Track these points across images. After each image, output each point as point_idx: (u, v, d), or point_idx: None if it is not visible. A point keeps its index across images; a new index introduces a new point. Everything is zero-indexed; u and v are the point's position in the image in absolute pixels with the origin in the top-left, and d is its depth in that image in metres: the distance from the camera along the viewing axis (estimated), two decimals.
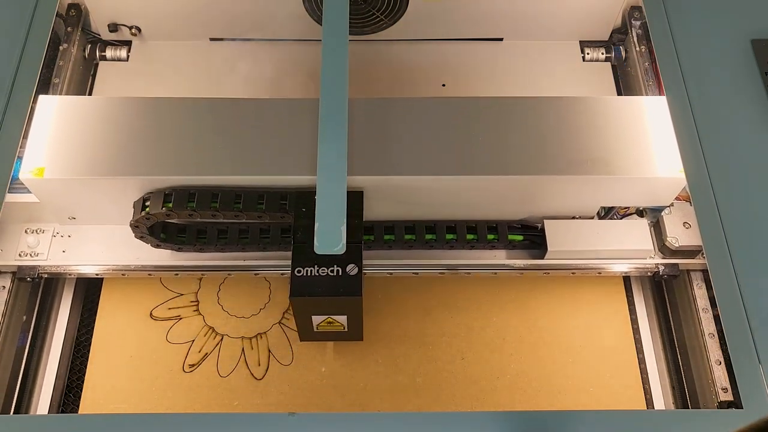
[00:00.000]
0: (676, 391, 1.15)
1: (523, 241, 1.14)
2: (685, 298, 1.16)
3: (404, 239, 1.11)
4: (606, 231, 1.14)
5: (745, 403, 0.87)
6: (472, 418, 0.90)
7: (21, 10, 1.14)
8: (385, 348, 1.17)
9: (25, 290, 1.16)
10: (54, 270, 1.14)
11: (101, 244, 1.15)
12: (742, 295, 0.93)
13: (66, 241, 1.15)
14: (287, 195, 1.04)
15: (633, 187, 1.08)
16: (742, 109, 1.07)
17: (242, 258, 1.15)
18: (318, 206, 0.95)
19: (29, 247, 1.13)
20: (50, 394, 1.13)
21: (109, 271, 1.16)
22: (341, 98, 1.02)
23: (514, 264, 1.15)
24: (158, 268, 1.15)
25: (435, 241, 1.12)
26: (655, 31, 1.15)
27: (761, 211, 1.00)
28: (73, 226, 1.16)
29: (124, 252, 1.14)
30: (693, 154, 1.03)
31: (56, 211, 1.13)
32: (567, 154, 1.05)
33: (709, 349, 1.06)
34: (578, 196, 1.10)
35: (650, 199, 1.12)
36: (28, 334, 1.16)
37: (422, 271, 1.16)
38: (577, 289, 1.23)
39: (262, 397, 1.13)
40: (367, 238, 1.11)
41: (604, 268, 1.16)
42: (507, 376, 1.16)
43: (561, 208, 1.13)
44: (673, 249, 1.12)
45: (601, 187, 1.08)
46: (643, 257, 1.15)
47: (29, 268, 1.12)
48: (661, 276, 1.15)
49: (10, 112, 1.05)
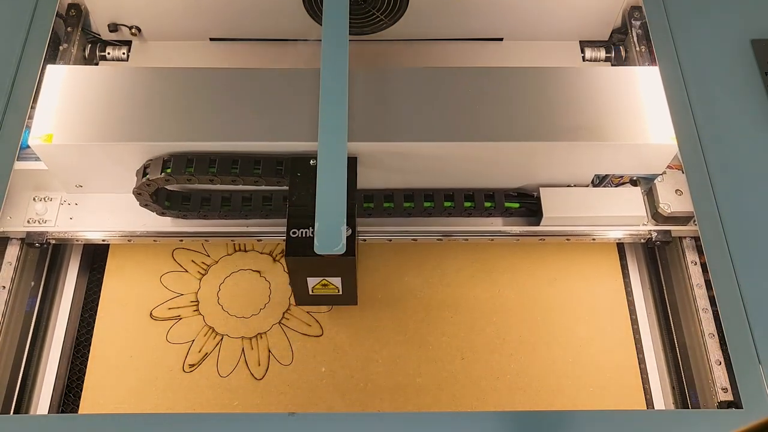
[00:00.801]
0: (676, 391, 1.15)
1: (519, 208, 1.15)
2: (677, 264, 1.19)
3: (403, 207, 1.13)
4: (600, 198, 1.16)
5: (745, 403, 0.87)
6: (472, 418, 0.90)
7: (21, 10, 1.14)
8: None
9: (33, 256, 1.19)
10: (61, 236, 1.17)
11: (107, 211, 1.18)
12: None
13: (73, 209, 1.18)
14: (283, 160, 1.06)
15: (626, 153, 1.10)
16: (742, 109, 1.07)
17: (245, 225, 1.17)
18: (318, 206, 0.95)
19: (37, 215, 1.16)
20: (50, 394, 1.13)
21: (115, 236, 1.18)
22: (342, 102, 1.02)
23: (511, 230, 1.17)
24: (163, 234, 1.18)
25: (433, 209, 1.14)
26: (655, 31, 1.15)
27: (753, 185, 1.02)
28: (80, 195, 1.19)
29: (130, 219, 1.17)
30: (693, 154, 1.03)
31: (63, 178, 1.15)
32: (562, 121, 1.08)
33: (709, 349, 1.06)
34: (573, 163, 1.12)
35: (643, 166, 1.14)
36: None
37: (420, 238, 1.20)
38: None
39: (262, 397, 1.13)
40: (367, 206, 1.13)
41: (598, 234, 1.18)
42: (507, 376, 1.16)
43: (556, 177, 1.15)
44: (666, 215, 1.15)
45: (595, 154, 1.10)
46: (636, 224, 1.17)
47: (37, 234, 1.16)
48: (654, 242, 1.18)
49: (10, 113, 1.06)
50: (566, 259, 1.26)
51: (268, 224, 1.17)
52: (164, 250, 1.25)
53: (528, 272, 1.24)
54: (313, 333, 1.19)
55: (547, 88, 1.11)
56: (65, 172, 1.13)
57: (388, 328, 1.19)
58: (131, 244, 1.21)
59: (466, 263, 1.25)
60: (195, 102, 1.09)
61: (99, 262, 1.26)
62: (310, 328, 1.19)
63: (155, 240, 1.19)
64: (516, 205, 1.15)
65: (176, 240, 1.22)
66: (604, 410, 1.05)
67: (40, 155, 1.08)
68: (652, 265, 1.27)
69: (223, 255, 1.26)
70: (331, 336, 1.19)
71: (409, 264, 1.25)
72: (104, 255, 1.26)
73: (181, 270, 1.24)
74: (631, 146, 1.08)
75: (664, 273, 1.24)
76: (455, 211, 1.15)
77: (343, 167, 0.98)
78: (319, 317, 1.20)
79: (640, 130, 1.07)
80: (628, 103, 1.09)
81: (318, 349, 1.17)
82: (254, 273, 1.24)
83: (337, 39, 1.07)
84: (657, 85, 1.10)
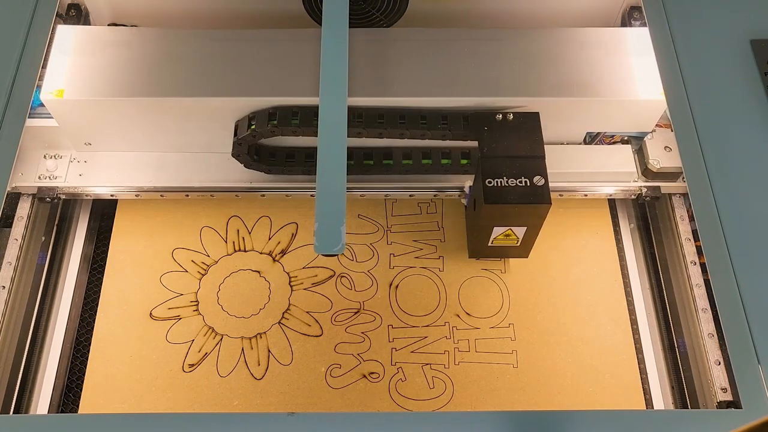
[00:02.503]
0: (675, 391, 1.15)
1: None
2: (666, 220, 1.23)
3: (402, 164, 1.18)
4: (592, 155, 1.22)
5: (745, 403, 0.88)
6: (472, 418, 0.90)
7: (21, 10, 1.14)
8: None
9: (44, 211, 1.24)
10: (71, 191, 1.22)
11: (115, 168, 1.23)
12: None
13: (82, 166, 1.23)
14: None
15: (617, 110, 1.15)
16: (742, 110, 1.07)
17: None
18: (318, 206, 0.95)
19: (48, 171, 1.21)
20: (50, 394, 1.13)
21: (123, 191, 1.23)
22: (341, 101, 1.02)
23: None
24: (168, 189, 1.22)
25: (431, 166, 1.18)
26: (655, 31, 1.15)
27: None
28: (89, 153, 1.23)
29: (137, 176, 1.22)
30: (693, 158, 1.03)
31: (73, 135, 1.19)
32: (555, 78, 1.13)
33: (709, 349, 1.06)
34: (566, 120, 1.17)
35: (633, 123, 1.18)
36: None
37: (417, 194, 1.24)
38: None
39: (261, 397, 1.14)
40: (367, 163, 1.18)
41: (591, 190, 1.23)
42: (507, 376, 1.16)
43: (550, 135, 1.16)
44: (655, 171, 1.19)
45: (587, 110, 1.15)
46: (626, 180, 1.21)
47: (48, 189, 1.20)
48: (644, 198, 1.22)
49: (10, 112, 1.06)
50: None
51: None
52: (164, 249, 1.26)
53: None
54: (313, 333, 1.19)
55: (542, 47, 1.16)
56: (75, 129, 1.18)
57: (385, 325, 1.20)
58: (139, 199, 1.25)
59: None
60: (192, 60, 1.14)
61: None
62: (310, 328, 1.20)
63: (162, 195, 1.23)
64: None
65: (183, 195, 1.25)
66: (603, 410, 1.04)
67: (51, 111, 1.13)
68: (642, 222, 1.30)
69: (222, 255, 1.26)
70: (331, 336, 1.19)
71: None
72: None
73: (181, 270, 1.24)
74: (623, 102, 1.12)
75: (654, 229, 1.27)
76: (452, 168, 1.19)
77: (343, 167, 0.98)
78: (319, 317, 1.20)
79: (630, 87, 1.13)
80: (619, 63, 1.15)
81: (318, 349, 1.17)
82: (254, 273, 1.24)
83: (336, 39, 1.07)
84: (647, 47, 1.14)
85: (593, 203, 1.31)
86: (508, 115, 1.11)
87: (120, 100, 1.11)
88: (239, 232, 1.28)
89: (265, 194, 1.24)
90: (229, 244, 1.27)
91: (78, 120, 1.15)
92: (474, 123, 1.12)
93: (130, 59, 1.14)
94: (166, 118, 1.16)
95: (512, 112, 1.12)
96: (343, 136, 1.00)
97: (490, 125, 1.11)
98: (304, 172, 1.20)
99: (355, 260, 1.26)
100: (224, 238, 1.27)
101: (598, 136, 1.21)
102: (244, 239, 1.27)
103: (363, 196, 1.26)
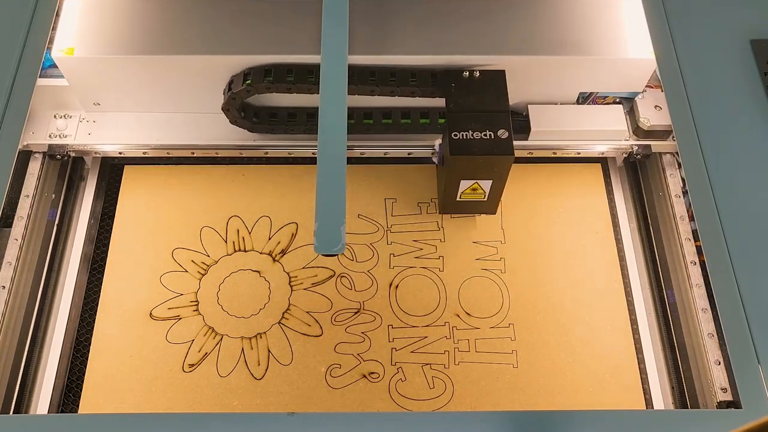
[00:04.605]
0: (675, 391, 1.15)
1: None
2: (657, 179, 1.27)
3: (400, 123, 1.21)
4: (584, 114, 1.25)
5: (745, 403, 0.88)
6: (472, 418, 0.90)
7: (21, 10, 1.14)
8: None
9: (54, 168, 1.27)
10: (81, 148, 1.27)
11: (123, 128, 1.27)
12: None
13: (91, 126, 1.27)
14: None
15: (608, 68, 1.19)
16: (742, 111, 1.07)
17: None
18: (317, 206, 0.95)
19: (58, 130, 1.26)
20: (50, 393, 1.13)
21: (131, 149, 1.28)
22: (341, 99, 1.02)
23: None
24: (176, 147, 1.27)
25: (429, 125, 1.21)
26: (654, 31, 1.15)
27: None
28: (98, 113, 1.27)
29: (144, 134, 1.27)
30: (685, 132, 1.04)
31: (83, 94, 1.23)
32: (549, 36, 1.17)
33: (708, 349, 1.06)
34: (559, 78, 1.21)
35: (624, 82, 1.22)
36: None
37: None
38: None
39: (261, 397, 1.14)
40: (367, 122, 1.21)
41: (583, 148, 1.27)
42: (507, 376, 1.16)
43: (543, 95, 1.22)
44: (646, 129, 1.23)
45: (580, 69, 1.19)
46: (618, 138, 1.26)
47: (58, 147, 1.25)
48: (635, 156, 1.27)
49: (10, 113, 1.06)
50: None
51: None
52: (164, 249, 1.26)
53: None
54: (313, 333, 1.19)
55: (536, 6, 1.20)
56: (85, 88, 1.22)
57: (385, 325, 1.20)
58: (145, 156, 1.30)
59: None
60: (201, 15, 1.18)
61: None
62: (310, 328, 1.20)
63: (168, 153, 1.28)
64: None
65: (189, 152, 1.29)
66: (603, 410, 1.05)
67: (62, 69, 1.16)
68: (634, 181, 1.33)
69: (222, 255, 1.26)
70: (331, 336, 1.19)
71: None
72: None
73: (181, 270, 1.24)
74: (614, 60, 1.16)
75: (645, 187, 1.30)
76: (430, 128, 1.21)
77: (343, 167, 0.98)
78: (319, 317, 1.20)
79: (622, 46, 1.17)
80: (611, 23, 1.19)
81: (318, 349, 1.17)
82: (254, 273, 1.24)
83: (337, 31, 1.07)
84: (637, 7, 1.17)
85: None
86: (475, 72, 1.15)
87: (128, 57, 1.15)
88: (239, 232, 1.28)
89: (268, 152, 1.28)
90: (229, 244, 1.27)
91: (87, 78, 1.19)
92: (442, 80, 1.15)
93: (138, 18, 1.17)
94: (173, 77, 1.19)
95: (479, 70, 1.15)
96: (344, 135, 0.99)
97: (458, 82, 1.14)
98: (306, 131, 1.23)
99: (355, 260, 1.26)
100: (224, 238, 1.27)
101: (591, 96, 1.25)
102: (244, 239, 1.27)
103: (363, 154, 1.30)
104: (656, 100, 1.24)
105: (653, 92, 1.25)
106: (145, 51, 1.15)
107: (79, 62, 1.15)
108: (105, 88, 1.22)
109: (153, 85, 1.21)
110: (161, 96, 1.23)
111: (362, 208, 1.31)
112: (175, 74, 1.19)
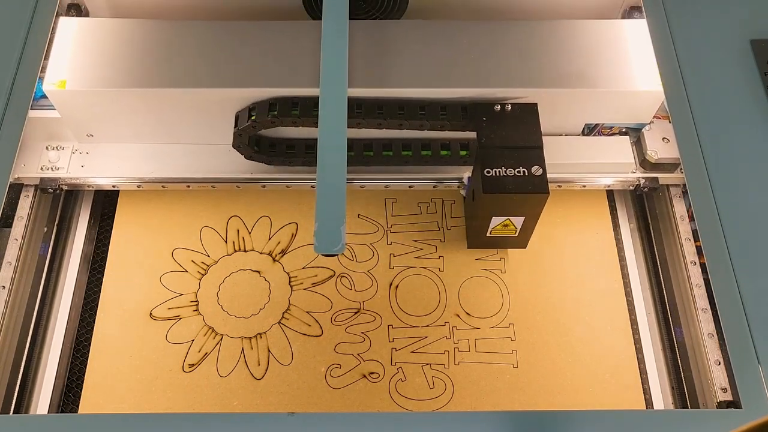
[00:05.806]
0: (675, 391, 1.15)
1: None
2: (664, 210, 1.25)
3: (401, 155, 1.18)
4: (590, 146, 1.22)
5: (745, 403, 0.88)
6: (472, 418, 0.90)
7: (21, 10, 1.14)
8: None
9: (46, 202, 1.25)
10: (74, 182, 1.23)
11: (117, 159, 1.23)
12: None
13: (84, 158, 1.23)
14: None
15: (615, 101, 1.15)
16: (742, 110, 1.07)
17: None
18: (317, 206, 0.95)
19: (50, 162, 1.22)
20: (50, 394, 1.13)
21: (125, 182, 1.24)
22: (341, 99, 1.02)
23: None
24: (170, 180, 1.23)
25: (430, 157, 1.19)
26: (654, 32, 1.15)
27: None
28: (91, 144, 1.24)
29: (138, 166, 1.23)
30: (694, 160, 1.03)
31: (75, 126, 1.20)
32: (554, 70, 1.14)
33: (708, 349, 1.06)
34: (564, 111, 1.18)
35: (631, 114, 1.19)
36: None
37: (416, 184, 1.25)
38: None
39: (261, 397, 1.14)
40: (367, 154, 1.18)
41: (589, 181, 1.24)
42: (507, 376, 1.16)
43: (548, 127, 1.17)
44: (653, 162, 1.20)
45: (585, 101, 1.16)
46: (625, 171, 1.22)
47: (50, 180, 1.21)
48: (642, 188, 1.24)
49: (12, 103, 1.06)
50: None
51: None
52: (164, 249, 1.26)
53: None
54: (313, 333, 1.19)
55: (540, 39, 1.17)
56: (77, 120, 1.18)
57: (385, 325, 1.20)
58: (140, 190, 1.26)
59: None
60: (196, 50, 1.15)
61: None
62: (310, 328, 1.20)
63: (163, 186, 1.24)
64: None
65: (184, 186, 1.25)
66: (603, 410, 1.05)
67: (54, 101, 1.13)
68: (642, 222, 1.30)
69: (222, 255, 1.26)
70: (331, 336, 1.19)
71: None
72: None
73: (181, 270, 1.24)
74: (621, 93, 1.13)
75: (654, 229, 1.28)
76: (451, 160, 1.19)
77: (343, 168, 0.98)
78: (319, 317, 1.20)
79: (628, 78, 1.13)
80: (617, 54, 1.16)
81: (318, 349, 1.17)
82: (254, 273, 1.24)
83: (336, 39, 1.07)
84: (644, 38, 1.15)
85: (593, 199, 1.31)
86: (507, 105, 1.12)
87: (121, 90, 1.12)
88: (239, 232, 1.28)
89: (266, 185, 1.25)
90: (229, 244, 1.27)
91: (80, 111, 1.16)
92: (473, 114, 1.13)
93: (132, 50, 1.14)
94: (168, 109, 1.17)
95: (510, 103, 1.12)
96: (344, 135, 0.99)
97: (489, 116, 1.12)
98: (304, 163, 1.20)
99: (355, 260, 1.26)
100: (224, 238, 1.27)
101: (597, 127, 1.22)
102: (244, 239, 1.27)
103: (363, 187, 1.26)
104: (664, 131, 1.21)
105: (661, 123, 1.22)
106: (136, 84, 1.12)
107: (72, 95, 1.12)
108: (98, 120, 1.19)
109: (147, 117, 1.18)
110: (156, 128, 1.21)
111: (362, 208, 1.31)
112: (169, 107, 1.16)
